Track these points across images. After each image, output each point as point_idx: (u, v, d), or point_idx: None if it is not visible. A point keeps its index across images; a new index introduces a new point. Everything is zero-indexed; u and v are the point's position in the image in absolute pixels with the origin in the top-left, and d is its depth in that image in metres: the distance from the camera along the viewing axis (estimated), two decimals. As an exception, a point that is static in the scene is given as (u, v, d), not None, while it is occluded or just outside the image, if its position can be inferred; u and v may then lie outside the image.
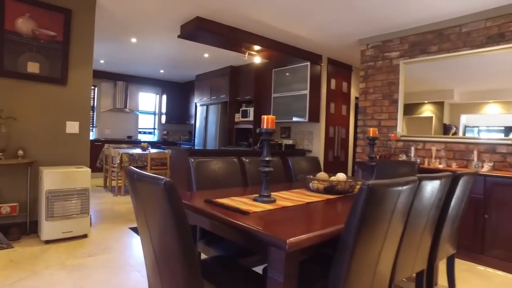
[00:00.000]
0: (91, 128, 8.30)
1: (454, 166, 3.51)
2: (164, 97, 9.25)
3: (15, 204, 3.37)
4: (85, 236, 3.43)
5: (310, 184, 2.26)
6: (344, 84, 6.19)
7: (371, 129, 2.69)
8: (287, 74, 6.02)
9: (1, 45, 3.30)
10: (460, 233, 2.33)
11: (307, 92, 5.57)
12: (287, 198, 1.96)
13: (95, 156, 7.60)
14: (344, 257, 1.28)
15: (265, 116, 1.80)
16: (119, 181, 5.86)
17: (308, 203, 1.87)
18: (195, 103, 8.18)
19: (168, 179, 1.12)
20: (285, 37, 4.83)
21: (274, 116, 1.83)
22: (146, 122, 9.34)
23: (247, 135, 7.03)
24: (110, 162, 6.12)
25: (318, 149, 5.77)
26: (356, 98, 6.40)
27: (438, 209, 1.84)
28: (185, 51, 6.01)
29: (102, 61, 7.14)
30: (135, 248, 3.24)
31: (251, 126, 6.65)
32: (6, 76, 3.33)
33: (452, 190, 1.89)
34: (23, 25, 3.41)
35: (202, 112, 7.72)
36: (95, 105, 8.39)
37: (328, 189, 2.17)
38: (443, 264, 2.40)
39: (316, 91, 5.67)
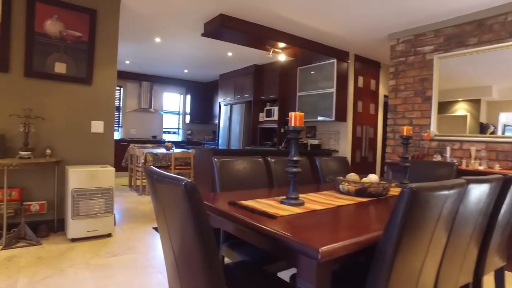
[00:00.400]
0: (116, 128, 8.49)
1: (497, 168, 3.25)
2: (188, 97, 9.29)
3: (44, 202, 3.42)
4: (109, 235, 3.43)
5: (340, 186, 2.12)
6: (372, 82, 5.96)
7: (405, 127, 2.52)
8: (313, 72, 5.86)
9: (31, 47, 3.35)
10: (511, 243, 2.12)
11: (333, 90, 5.39)
12: (316, 200, 1.84)
13: (120, 155, 7.72)
14: (383, 268, 1.15)
15: (293, 113, 1.69)
16: (144, 181, 5.90)
17: (339, 206, 1.74)
18: (219, 102, 8.15)
19: (189, 180, 1.03)
20: (311, 33, 4.69)
21: (303, 113, 1.72)
22: (170, 122, 9.42)
23: (271, 135, 6.92)
24: (135, 162, 6.17)
25: (345, 149, 5.58)
26: (385, 96, 6.15)
27: (486, 216, 1.66)
28: (209, 50, 5.97)
29: (127, 62, 7.23)
30: (158, 249, 3.20)
31: (275, 126, 6.53)
32: (35, 77, 3.37)
33: (502, 195, 1.70)
34: (51, 26, 3.45)
35: (226, 111, 7.68)
36: (121, 105, 8.53)
37: (360, 192, 2.02)
38: (491, 277, 2.20)
39: (343, 89, 5.48)
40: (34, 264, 2.71)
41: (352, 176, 2.22)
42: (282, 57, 5.22)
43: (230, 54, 6.14)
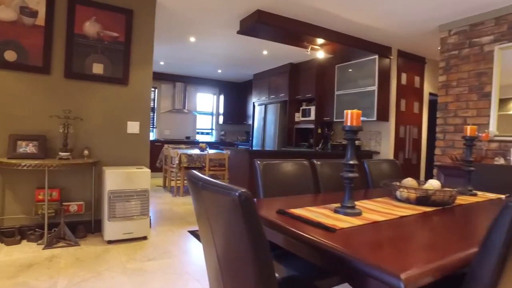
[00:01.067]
0: (151, 129, 8.60)
1: None
2: (222, 97, 9.24)
3: (81, 202, 3.41)
4: (144, 238, 3.36)
5: (397, 193, 1.88)
6: (416, 79, 5.58)
7: (468, 127, 2.23)
8: (352, 69, 5.57)
9: (71, 48, 3.36)
10: None
11: (375, 88, 5.09)
12: (373, 209, 1.62)
13: (155, 156, 7.78)
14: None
15: (350, 111, 1.49)
16: (178, 182, 5.86)
17: (401, 217, 1.51)
18: (253, 102, 8.02)
19: (243, 190, 0.86)
20: (351, 28, 4.43)
21: (360, 111, 1.51)
22: (203, 122, 9.41)
23: (308, 136, 6.69)
24: (169, 163, 6.16)
25: (387, 150, 5.25)
26: (430, 93, 5.74)
27: None
28: (244, 49, 5.85)
29: (162, 63, 7.27)
30: (194, 254, 3.08)
31: (312, 126, 6.29)
32: (74, 78, 3.38)
33: None
34: (90, 27, 3.45)
35: (260, 112, 7.53)
36: (155, 106, 8.61)
37: (422, 200, 1.78)
38: None
39: (385, 87, 5.16)
40: (72, 265, 2.68)
41: (410, 181, 1.98)
42: (320, 54, 4.99)
43: (265, 52, 5.98)
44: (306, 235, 1.18)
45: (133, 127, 3.66)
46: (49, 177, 3.23)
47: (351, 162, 1.48)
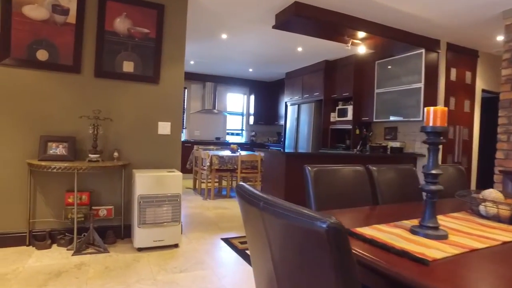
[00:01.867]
0: (181, 129, 8.51)
1: None
2: (252, 97, 9.01)
3: (111, 207, 3.27)
4: (176, 246, 3.17)
5: (481, 208, 1.54)
6: (468, 74, 5.09)
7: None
8: (395, 65, 5.16)
9: (101, 46, 3.23)
10: None
11: (421, 85, 4.66)
12: (458, 230, 1.30)
13: (185, 157, 7.66)
14: None
15: (432, 108, 1.18)
16: (209, 184, 5.67)
17: (504, 242, 1.18)
18: (285, 102, 7.73)
19: (333, 221, 0.59)
20: (396, 19, 4.05)
21: (446, 108, 1.20)
22: (234, 123, 9.23)
23: (344, 137, 6.32)
24: (200, 164, 5.99)
25: (434, 153, 4.79)
26: (484, 90, 5.22)
27: None
28: (277, 46, 5.58)
29: (192, 62, 7.13)
30: (229, 266, 2.84)
31: (349, 126, 5.92)
32: (105, 77, 3.24)
33: None
34: (120, 24, 3.30)
35: (293, 112, 7.23)
36: (185, 106, 8.52)
37: (515, 217, 1.43)
38: None
39: (432, 84, 4.71)
40: (101, 275, 2.52)
41: (493, 193, 1.63)
42: (361, 49, 4.63)
43: (300, 49, 5.69)
44: (394, 271, 0.89)
45: (164, 128, 3.48)
46: (78, 180, 3.10)
47: (434, 171, 1.18)
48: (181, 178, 3.13)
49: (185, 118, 8.52)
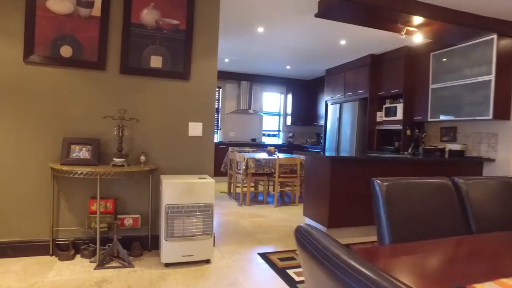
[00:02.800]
0: (215, 130, 8.23)
1: None
2: (289, 96, 8.57)
3: (137, 216, 2.98)
4: (207, 261, 2.81)
5: None
6: (546, 65, 4.32)
7: None
8: (455, 56, 4.51)
9: (127, 40, 2.96)
10: None
11: (491, 77, 3.99)
12: None
13: (219, 159, 7.37)
14: None
15: None
16: (244, 189, 5.31)
17: None
18: (325, 101, 7.21)
19: None
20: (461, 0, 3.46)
21: None
22: (270, 123, 8.83)
23: (392, 138, 5.71)
24: (235, 167, 5.65)
25: (506, 157, 4.10)
26: None
27: None
28: (318, 40, 5.11)
29: (226, 60, 6.82)
30: (266, 287, 2.45)
31: (398, 127, 5.32)
32: (131, 73, 2.97)
33: None
34: (148, 15, 3.02)
35: (335, 111, 6.70)
36: (220, 107, 8.25)
37: None
38: None
39: (506, 76, 4.02)
40: (121, 296, 2.21)
41: None
42: (417, 38, 4.04)
43: (343, 42, 5.18)
44: None
45: (195, 129, 3.15)
46: (102, 186, 2.85)
47: None
48: (213, 186, 2.77)
49: (219, 119, 8.25)
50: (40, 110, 2.77)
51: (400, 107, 5.28)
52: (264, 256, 3.03)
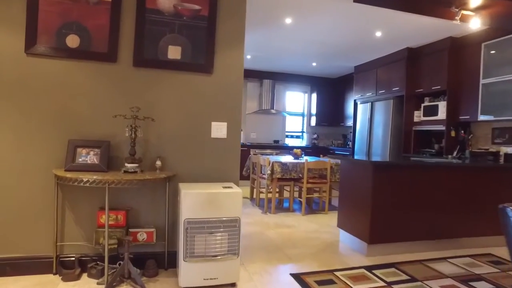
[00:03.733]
0: (237, 132, 7.76)
1: None
2: (314, 95, 8.08)
3: (152, 229, 2.59)
4: (233, 285, 2.39)
5: None
6: None
7: None
8: (511, 46, 3.94)
9: (142, 28, 2.58)
10: None
11: (559, 70, 3.42)
12: None
13: (240, 162, 6.97)
14: None
15: None
16: (269, 195, 4.87)
17: None
18: (354, 100, 6.71)
19: None
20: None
21: None
22: (293, 124, 8.37)
23: (430, 139, 5.17)
24: (258, 172, 5.22)
25: None
26: None
27: None
28: (352, 31, 4.64)
29: (248, 56, 6.41)
30: (307, 325, 2.00)
31: (440, 127, 4.77)
32: (145, 66, 2.58)
33: None
34: (165, 0, 2.63)
35: (365, 111, 6.18)
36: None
37: None
38: None
39: None
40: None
41: None
42: (474, 24, 3.50)
43: (378, 34, 4.68)
44: None
45: (219, 129, 2.74)
46: (112, 196, 2.48)
47: None
48: (240, 197, 2.35)
49: (241, 119, 7.84)
50: (43, 108, 2.42)
51: (442, 106, 4.73)
52: (298, 278, 2.58)
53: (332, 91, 8.00)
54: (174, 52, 2.65)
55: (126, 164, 2.40)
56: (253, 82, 7.84)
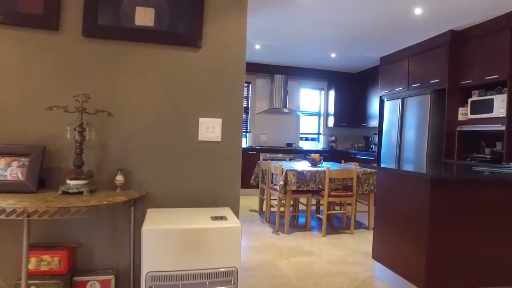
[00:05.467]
0: (243, 133, 6.90)
1: None
2: (332, 93, 7.19)
3: (110, 277, 1.74)
4: None
5: None
6: None
7: None
8: None
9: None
10: None
11: None
12: None
13: (248, 168, 6.13)
14: None
15: None
16: (282, 209, 4.00)
17: None
18: (380, 97, 5.79)
19: None
20: None
21: None
22: (308, 125, 7.48)
23: (479, 142, 4.23)
24: (269, 181, 4.36)
25: None
26: None
27: None
28: (382, 7, 3.75)
29: (257, 46, 5.56)
30: None
31: (496, 127, 3.82)
32: (101, 36, 1.75)
33: None
34: None
35: (393, 108, 5.26)
36: (249, 105, 7.01)
37: None
38: None
39: None
40: None
41: None
42: None
43: (418, 11, 3.78)
44: None
45: (209, 129, 1.89)
46: (47, 228, 1.66)
47: None
48: (239, 234, 1.49)
49: (248, 120, 7.01)
50: None
51: (499, 100, 3.79)
52: None
53: (352, 87, 7.09)
54: (144, 16, 1.81)
55: (68, 181, 1.58)
56: (263, 78, 6.99)
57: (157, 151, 1.82)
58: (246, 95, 7.00)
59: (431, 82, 4.61)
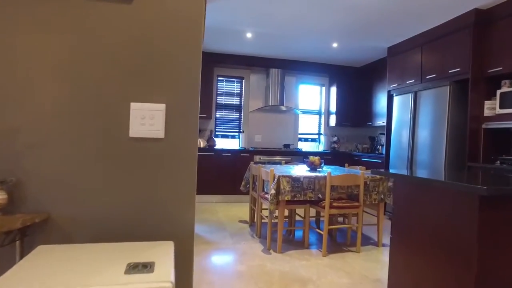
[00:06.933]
0: (236, 133, 6.20)
1: None
2: (333, 89, 6.54)
3: None
4: None
5: None
6: None
7: None
8: None
9: None
10: None
11: None
12: None
13: (239, 172, 5.49)
14: None
15: None
16: (275, 219, 3.34)
17: None
18: (388, 91, 5.14)
19: None
20: None
21: None
22: (307, 125, 6.83)
23: (509, 141, 3.57)
24: (260, 188, 3.71)
25: None
26: None
27: None
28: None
29: (249, 35, 4.92)
30: None
31: (536, 124, 3.16)
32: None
33: None
34: None
35: (404, 104, 4.61)
36: (242, 103, 6.36)
37: None
38: None
39: None
40: None
41: None
42: None
43: (438, -18, 3.14)
44: None
45: (146, 119, 1.24)
46: None
47: None
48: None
49: (241, 118, 6.37)
50: None
51: (535, 91, 3.13)
52: None
53: (356, 83, 6.44)
54: None
55: None
56: (257, 73, 6.36)
57: (64, 153, 1.17)
58: (239, 91, 6.36)
59: (450, 72, 3.96)
